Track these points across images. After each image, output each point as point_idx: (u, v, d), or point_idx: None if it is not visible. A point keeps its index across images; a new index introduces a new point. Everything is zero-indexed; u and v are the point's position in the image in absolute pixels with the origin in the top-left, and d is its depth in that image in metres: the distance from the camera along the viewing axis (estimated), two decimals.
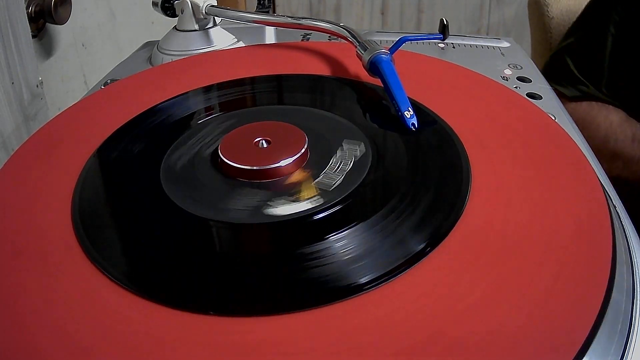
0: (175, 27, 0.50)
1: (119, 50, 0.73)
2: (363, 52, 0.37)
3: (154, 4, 0.52)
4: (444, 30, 0.40)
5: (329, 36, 0.49)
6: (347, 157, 0.28)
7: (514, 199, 0.26)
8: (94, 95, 0.40)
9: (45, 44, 0.59)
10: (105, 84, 0.45)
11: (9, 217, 0.27)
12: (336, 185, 0.27)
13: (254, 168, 0.28)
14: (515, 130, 0.31)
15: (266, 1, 1.55)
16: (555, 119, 0.36)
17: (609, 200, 0.26)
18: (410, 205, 0.26)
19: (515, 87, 0.43)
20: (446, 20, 0.40)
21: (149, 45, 0.54)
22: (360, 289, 0.21)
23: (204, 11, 0.48)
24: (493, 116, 0.32)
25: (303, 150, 0.29)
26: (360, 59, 0.37)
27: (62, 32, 0.61)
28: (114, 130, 0.33)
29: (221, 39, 0.50)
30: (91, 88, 0.46)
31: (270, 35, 0.55)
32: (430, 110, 0.33)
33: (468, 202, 0.25)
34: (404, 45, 0.38)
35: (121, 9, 0.74)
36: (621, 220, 0.28)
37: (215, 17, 0.49)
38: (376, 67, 0.35)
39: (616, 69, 0.63)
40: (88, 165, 0.30)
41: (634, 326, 0.22)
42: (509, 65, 0.46)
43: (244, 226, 0.26)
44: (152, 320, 0.21)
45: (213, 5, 0.48)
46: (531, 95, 0.41)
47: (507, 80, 0.44)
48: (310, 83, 0.38)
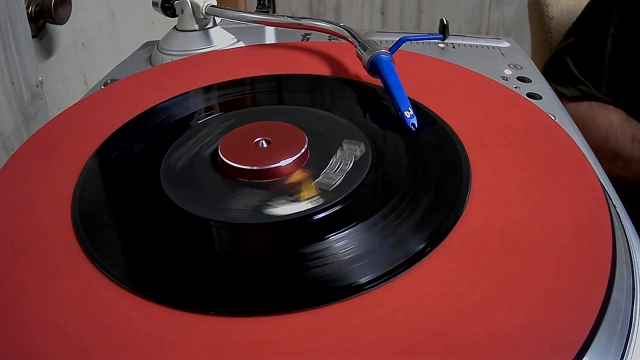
0: (175, 27, 0.50)
1: (119, 50, 0.73)
2: (363, 52, 0.37)
3: (154, 4, 0.52)
4: (444, 30, 0.40)
5: (329, 36, 0.49)
6: (347, 157, 0.28)
7: (514, 199, 0.26)
8: (94, 95, 0.40)
9: (45, 44, 0.59)
10: (105, 84, 0.45)
11: (9, 217, 0.27)
12: (336, 185, 0.27)
13: (254, 168, 0.28)
14: (515, 130, 0.31)
15: (266, 1, 1.55)
16: (555, 119, 0.36)
17: (609, 200, 0.26)
18: (410, 205, 0.26)
19: (515, 87, 0.42)
20: (446, 20, 0.40)
21: (149, 45, 0.54)
22: (360, 289, 0.21)
23: (204, 11, 0.48)
24: (493, 116, 0.32)
25: (303, 150, 0.29)
26: (360, 59, 0.37)
27: (62, 32, 0.61)
28: (114, 130, 0.33)
29: (221, 39, 0.50)
30: (91, 88, 0.46)
31: (270, 35, 0.55)
32: (430, 110, 0.33)
33: (468, 202, 0.26)
34: (404, 45, 0.38)
35: (121, 9, 0.74)
36: (621, 220, 0.28)
37: (215, 17, 0.49)
38: (376, 67, 0.35)
39: (616, 69, 0.63)
40: (88, 165, 0.30)
41: (634, 326, 0.22)
42: (509, 65, 0.46)
43: (244, 226, 0.26)
44: (152, 320, 0.21)
45: (213, 5, 0.48)
46: (531, 95, 0.41)
47: (507, 80, 0.44)
48: (310, 83, 0.38)
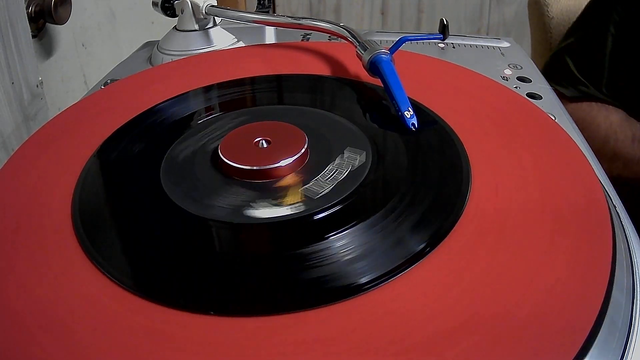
0: (175, 27, 0.50)
1: (119, 50, 0.73)
2: (363, 52, 0.37)
3: (154, 4, 0.52)
4: (444, 30, 0.40)
5: (329, 36, 0.49)
6: (344, 167, 0.28)
7: (514, 199, 0.26)
8: (94, 95, 0.40)
9: (45, 44, 0.59)
10: (105, 84, 0.45)
11: (9, 217, 0.27)
12: (323, 194, 0.27)
13: (254, 168, 0.28)
14: (515, 131, 0.31)
15: (266, 1, 1.55)
16: (555, 119, 0.36)
17: (609, 200, 0.26)
18: (410, 205, 0.26)
19: (515, 87, 0.42)
20: (446, 20, 0.40)
21: (149, 45, 0.54)
22: (360, 289, 0.21)
23: (204, 11, 0.48)
24: (493, 116, 0.32)
25: (303, 150, 0.29)
26: (360, 59, 0.37)
27: (62, 32, 0.61)
28: (114, 130, 0.33)
29: (221, 39, 0.50)
30: (91, 88, 0.46)
31: (270, 35, 0.55)
32: (430, 110, 0.33)
33: (468, 202, 0.26)
34: (404, 45, 0.38)
35: (121, 9, 0.74)
36: (621, 220, 0.28)
37: (215, 17, 0.49)
38: (376, 67, 0.35)
39: (616, 69, 0.63)
40: (88, 165, 0.30)
41: (634, 326, 0.22)
42: (509, 65, 0.46)
43: (244, 226, 0.26)
44: (152, 320, 0.21)
45: (213, 5, 0.48)
46: (531, 95, 0.41)
47: (507, 80, 0.44)
48: (310, 83, 0.38)
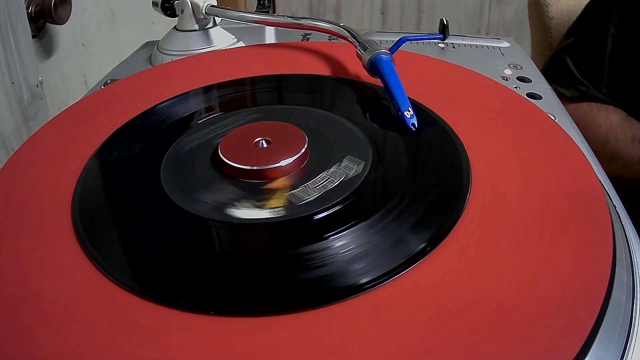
0: (175, 27, 0.50)
1: (119, 50, 0.73)
2: (363, 52, 0.37)
3: (154, 4, 0.52)
4: (444, 30, 0.40)
5: (329, 36, 0.49)
6: (337, 176, 0.28)
7: (514, 199, 0.26)
8: (94, 95, 0.40)
9: (45, 44, 0.59)
10: (105, 84, 0.45)
11: (9, 217, 0.27)
12: (307, 201, 0.26)
13: (254, 168, 0.28)
14: (515, 131, 0.31)
15: (266, 1, 1.55)
16: (555, 119, 0.36)
17: (609, 200, 0.26)
18: (410, 205, 0.26)
19: (515, 87, 0.42)
20: (446, 20, 0.40)
21: (149, 45, 0.54)
22: (360, 289, 0.21)
23: (204, 11, 0.48)
24: (493, 116, 0.32)
25: (303, 150, 0.29)
26: (360, 59, 0.37)
27: (62, 32, 0.61)
28: (114, 130, 0.33)
29: (221, 39, 0.50)
30: (91, 88, 0.46)
31: (270, 35, 0.55)
32: (430, 110, 0.33)
33: (468, 202, 0.26)
34: (404, 45, 0.38)
35: (121, 9, 0.74)
36: (621, 220, 0.28)
37: (215, 17, 0.49)
38: (376, 67, 0.35)
39: (616, 69, 0.63)
40: (88, 166, 0.30)
41: (634, 326, 0.22)
42: (509, 65, 0.46)
43: (244, 226, 0.26)
44: (152, 320, 0.21)
45: (213, 5, 0.48)
46: (531, 95, 0.41)
47: (507, 80, 0.44)
48: (310, 83, 0.38)
